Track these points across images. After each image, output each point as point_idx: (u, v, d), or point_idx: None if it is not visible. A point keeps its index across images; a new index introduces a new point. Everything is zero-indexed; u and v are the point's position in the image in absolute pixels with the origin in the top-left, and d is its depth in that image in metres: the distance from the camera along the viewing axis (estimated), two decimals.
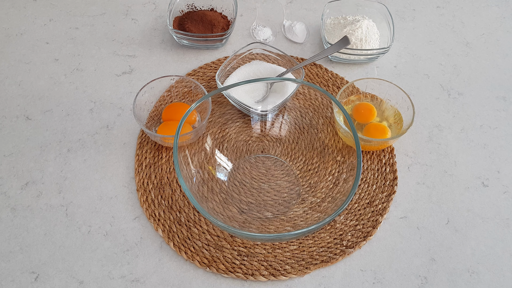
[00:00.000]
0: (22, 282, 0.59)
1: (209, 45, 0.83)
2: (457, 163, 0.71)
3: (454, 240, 0.64)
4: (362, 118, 0.72)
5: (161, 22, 0.88)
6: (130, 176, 0.68)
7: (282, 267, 0.60)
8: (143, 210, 0.65)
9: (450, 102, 0.78)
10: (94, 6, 0.91)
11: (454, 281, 0.60)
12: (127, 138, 0.72)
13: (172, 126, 0.69)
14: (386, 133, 0.69)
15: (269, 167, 0.69)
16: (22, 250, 0.61)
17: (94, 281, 0.59)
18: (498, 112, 0.77)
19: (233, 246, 0.62)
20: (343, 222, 0.64)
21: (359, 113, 0.72)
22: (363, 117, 0.72)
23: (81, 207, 0.65)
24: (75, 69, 0.81)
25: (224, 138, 0.70)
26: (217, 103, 0.71)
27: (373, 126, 0.70)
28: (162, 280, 0.59)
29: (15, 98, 0.76)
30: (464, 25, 0.90)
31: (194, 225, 0.64)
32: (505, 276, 0.61)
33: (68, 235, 0.63)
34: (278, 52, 0.76)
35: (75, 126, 0.73)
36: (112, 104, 0.76)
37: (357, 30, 0.81)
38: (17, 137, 0.72)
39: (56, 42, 0.84)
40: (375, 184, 0.68)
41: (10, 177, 0.68)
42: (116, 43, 0.85)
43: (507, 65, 0.84)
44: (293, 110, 0.70)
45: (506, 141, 0.74)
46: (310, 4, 0.92)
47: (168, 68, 0.81)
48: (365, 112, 0.72)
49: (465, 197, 0.68)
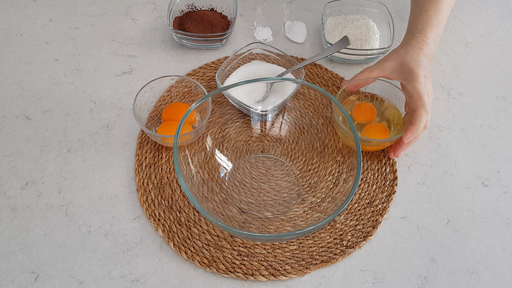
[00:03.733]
0: (22, 282, 0.59)
1: (209, 45, 0.83)
2: (457, 163, 0.71)
3: (454, 240, 0.64)
4: (362, 118, 0.71)
5: (161, 22, 0.88)
6: (130, 176, 0.68)
7: (282, 267, 0.60)
8: (143, 210, 0.65)
9: (450, 102, 0.78)
10: (94, 6, 0.91)
11: (454, 281, 0.60)
12: (127, 138, 0.72)
13: (172, 126, 0.69)
14: (386, 133, 0.69)
15: (269, 167, 0.69)
16: (22, 250, 0.61)
17: (94, 281, 0.59)
18: (498, 112, 0.77)
19: (233, 246, 0.62)
20: (343, 222, 0.64)
21: (359, 113, 0.72)
22: (363, 117, 0.71)
23: (81, 207, 0.65)
24: (75, 69, 0.81)
25: (224, 138, 0.70)
26: (217, 103, 0.71)
27: (373, 126, 0.70)
28: (162, 280, 0.59)
29: (15, 98, 0.76)
30: (464, 25, 0.90)
31: (194, 225, 0.64)
32: (505, 276, 0.61)
33: (68, 235, 0.63)
34: (278, 52, 0.76)
35: (75, 126, 0.73)
36: (112, 104, 0.76)
37: (357, 30, 0.81)
38: (17, 137, 0.72)
39: (56, 42, 0.84)
40: (375, 184, 0.68)
41: (10, 177, 0.68)
42: (116, 43, 0.85)
43: (507, 65, 0.84)
44: (293, 110, 0.70)
45: (506, 141, 0.74)
46: (310, 4, 0.92)
47: (168, 68, 0.81)
48: (365, 112, 0.72)
49: (465, 197, 0.68)
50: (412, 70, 0.66)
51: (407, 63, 0.67)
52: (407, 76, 0.66)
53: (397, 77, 0.69)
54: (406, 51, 0.68)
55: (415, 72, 0.65)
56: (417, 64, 0.66)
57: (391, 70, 0.69)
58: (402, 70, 0.67)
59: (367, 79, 0.70)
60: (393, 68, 0.68)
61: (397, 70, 0.68)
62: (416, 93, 0.64)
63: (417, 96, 0.64)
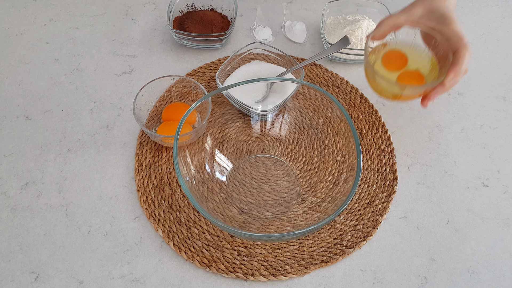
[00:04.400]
0: (22, 282, 0.59)
1: (209, 45, 0.83)
2: (457, 163, 0.71)
3: (454, 240, 0.64)
4: (393, 66, 0.66)
5: (161, 22, 0.88)
6: (130, 176, 0.68)
7: (282, 267, 0.60)
8: (143, 210, 0.65)
9: (450, 102, 0.78)
10: (94, 6, 0.91)
11: (454, 281, 0.60)
12: (127, 138, 0.72)
13: (172, 126, 0.69)
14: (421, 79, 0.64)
15: (269, 167, 0.69)
16: (22, 250, 0.61)
17: (94, 281, 0.59)
18: (498, 112, 0.77)
19: (233, 246, 0.62)
20: (343, 222, 0.64)
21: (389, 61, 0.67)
22: (393, 65, 0.66)
23: (81, 207, 0.65)
24: (75, 69, 0.81)
25: (224, 138, 0.70)
26: (217, 103, 0.71)
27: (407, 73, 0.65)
28: (162, 280, 0.59)
29: (15, 98, 0.76)
30: (464, 25, 0.90)
31: (194, 225, 0.64)
32: (505, 276, 0.61)
33: (68, 235, 0.63)
34: (278, 52, 0.76)
35: (75, 126, 0.73)
36: (112, 104, 0.76)
37: (357, 30, 0.81)
38: (17, 137, 0.72)
39: (56, 42, 0.84)
40: (375, 184, 0.68)
41: (10, 177, 0.68)
42: (116, 43, 0.85)
43: (507, 65, 0.84)
44: (293, 110, 0.70)
45: (506, 141, 0.74)
46: (310, 4, 0.92)
47: (168, 68, 0.81)
48: (395, 59, 0.67)
49: (465, 197, 0.68)
50: (444, 13, 0.63)
51: (436, 9, 0.64)
52: (440, 20, 0.63)
53: (427, 22, 0.65)
54: None
55: (448, 15, 0.63)
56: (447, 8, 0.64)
57: (420, 15, 0.65)
58: (432, 15, 0.64)
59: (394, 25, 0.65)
60: (421, 14, 0.65)
61: (427, 15, 0.64)
62: (455, 34, 0.61)
63: (456, 37, 0.61)
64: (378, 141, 0.72)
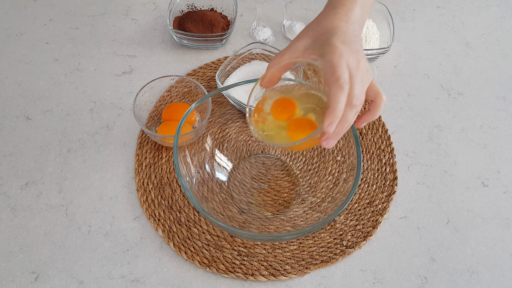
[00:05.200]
0: (22, 282, 0.59)
1: (209, 45, 0.83)
2: (457, 163, 0.71)
3: (454, 240, 0.64)
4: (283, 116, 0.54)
5: (161, 22, 0.88)
6: (130, 176, 0.68)
7: (282, 267, 0.60)
8: (143, 210, 0.65)
9: (450, 102, 0.78)
10: (94, 6, 0.91)
11: (454, 281, 0.60)
12: (127, 138, 0.72)
13: (172, 126, 0.69)
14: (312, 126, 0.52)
15: (269, 167, 0.69)
16: (22, 250, 0.61)
17: (94, 281, 0.59)
18: (498, 112, 0.77)
19: (233, 246, 0.62)
20: (343, 222, 0.64)
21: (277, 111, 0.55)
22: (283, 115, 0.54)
23: (81, 207, 0.65)
24: (75, 69, 0.81)
25: (224, 138, 0.70)
26: (217, 103, 0.71)
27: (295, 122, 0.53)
28: (162, 280, 0.59)
29: (15, 98, 0.76)
30: (464, 25, 0.90)
31: (194, 225, 0.64)
32: (505, 276, 0.61)
33: (68, 235, 0.63)
34: (278, 52, 0.76)
35: (75, 126, 0.73)
36: (112, 104, 0.76)
37: None
38: (17, 137, 0.72)
39: (56, 42, 0.84)
40: (375, 184, 0.68)
41: (10, 177, 0.68)
42: (116, 43, 0.85)
43: (507, 65, 0.84)
44: None
45: (506, 141, 0.74)
46: (310, 4, 0.92)
47: (168, 68, 0.81)
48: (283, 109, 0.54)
49: (465, 197, 0.68)
50: (326, 41, 0.50)
51: (320, 35, 0.52)
52: (321, 50, 0.50)
53: (313, 55, 0.52)
54: (318, 21, 0.53)
55: (330, 42, 0.49)
56: (332, 32, 0.51)
57: (304, 48, 0.52)
58: (316, 45, 0.51)
59: (280, 67, 0.53)
60: (305, 46, 0.52)
61: (311, 46, 0.52)
62: (328, 67, 0.47)
63: (328, 70, 0.47)
64: (378, 141, 0.72)
